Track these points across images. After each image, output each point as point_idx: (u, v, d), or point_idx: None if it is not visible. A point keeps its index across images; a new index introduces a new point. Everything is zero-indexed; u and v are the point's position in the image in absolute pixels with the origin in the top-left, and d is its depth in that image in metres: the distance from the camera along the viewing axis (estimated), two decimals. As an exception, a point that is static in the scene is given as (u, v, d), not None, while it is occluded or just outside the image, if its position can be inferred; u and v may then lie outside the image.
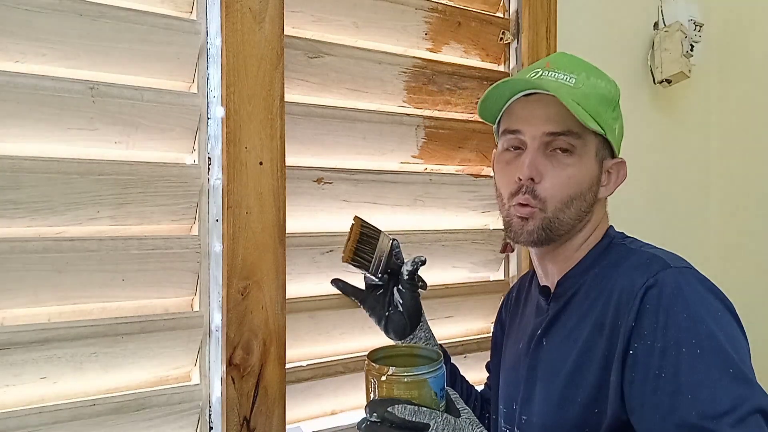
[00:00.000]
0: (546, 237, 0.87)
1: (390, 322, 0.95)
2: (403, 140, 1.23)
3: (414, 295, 0.95)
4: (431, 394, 0.73)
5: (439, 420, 0.72)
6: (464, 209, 1.33)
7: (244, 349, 1.00)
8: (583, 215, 0.88)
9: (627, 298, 0.80)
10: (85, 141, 0.93)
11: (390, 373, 0.73)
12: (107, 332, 0.92)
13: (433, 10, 1.26)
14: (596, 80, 0.89)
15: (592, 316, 0.84)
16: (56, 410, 0.87)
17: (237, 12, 0.99)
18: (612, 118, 0.89)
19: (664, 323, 0.76)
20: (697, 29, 1.68)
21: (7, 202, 0.85)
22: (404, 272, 0.94)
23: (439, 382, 0.74)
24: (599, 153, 0.88)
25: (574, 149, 0.86)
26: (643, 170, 1.66)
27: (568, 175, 0.86)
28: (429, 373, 0.73)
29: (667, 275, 0.79)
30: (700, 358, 0.73)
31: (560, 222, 0.87)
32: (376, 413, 0.72)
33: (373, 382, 0.74)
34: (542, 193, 0.86)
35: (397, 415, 0.70)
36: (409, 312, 0.95)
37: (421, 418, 0.71)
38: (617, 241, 0.91)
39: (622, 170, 0.92)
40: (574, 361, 0.84)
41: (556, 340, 0.89)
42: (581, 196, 0.87)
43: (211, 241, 1.00)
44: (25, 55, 0.89)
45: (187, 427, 0.98)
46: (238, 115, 0.99)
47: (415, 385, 0.72)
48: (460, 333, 1.33)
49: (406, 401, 0.72)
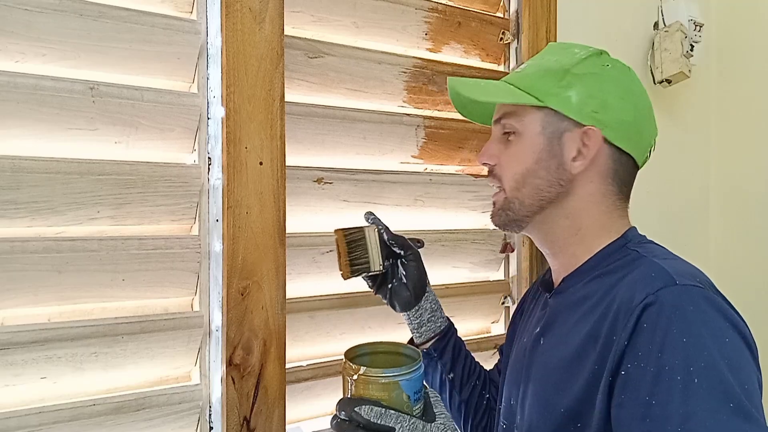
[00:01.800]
0: (508, 218, 0.89)
1: (394, 294, 0.97)
2: (403, 140, 1.23)
3: (416, 264, 0.97)
4: (403, 396, 0.72)
5: (405, 424, 0.70)
6: (464, 209, 1.33)
7: (244, 349, 1.00)
8: (545, 193, 0.86)
9: (624, 313, 0.75)
10: (85, 141, 0.93)
11: (361, 372, 0.72)
12: (107, 332, 0.92)
13: (433, 10, 1.26)
14: (549, 56, 0.90)
15: (588, 323, 0.80)
16: (56, 410, 0.87)
17: (237, 12, 0.99)
18: (560, 87, 0.85)
19: (659, 346, 0.70)
20: (697, 29, 1.68)
21: (7, 202, 0.85)
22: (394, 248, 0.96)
23: (414, 385, 0.73)
24: (547, 126, 0.86)
25: (515, 128, 0.88)
26: (643, 170, 1.66)
27: (511, 153, 0.89)
28: (401, 375, 0.72)
29: (670, 293, 0.73)
30: (695, 388, 0.67)
31: (519, 201, 0.88)
32: (344, 411, 0.71)
33: (348, 380, 0.73)
34: (498, 173, 0.91)
35: (363, 416, 0.70)
36: (414, 282, 0.96)
37: (386, 421, 0.70)
38: (632, 245, 0.86)
39: (593, 138, 0.84)
40: (563, 367, 0.81)
41: (552, 341, 0.86)
42: (531, 172, 0.87)
43: (211, 241, 1.00)
44: (25, 55, 0.88)
45: (187, 427, 0.98)
46: (238, 115, 0.99)
47: (386, 387, 0.71)
48: (460, 333, 1.32)
49: (374, 402, 0.71)
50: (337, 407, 0.73)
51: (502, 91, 0.89)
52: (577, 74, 0.86)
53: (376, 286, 1.00)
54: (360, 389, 0.72)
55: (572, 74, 0.86)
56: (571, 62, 0.87)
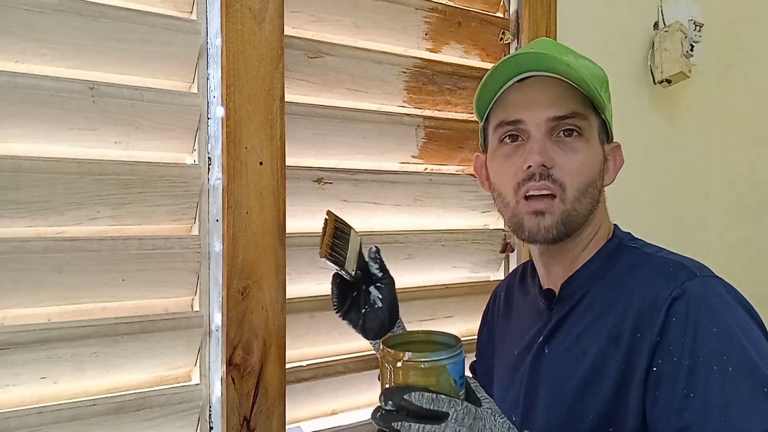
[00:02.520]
0: (564, 232, 0.81)
1: (368, 320, 0.89)
2: (403, 140, 1.23)
3: (392, 290, 0.90)
4: (450, 381, 0.67)
5: (459, 408, 0.65)
6: (464, 209, 1.33)
7: (245, 349, 1.00)
8: (596, 204, 0.83)
9: (650, 309, 0.74)
10: (85, 141, 0.93)
11: (406, 358, 0.67)
12: (107, 332, 0.91)
13: (433, 10, 1.26)
14: (584, 61, 0.84)
15: (606, 326, 0.79)
16: (56, 410, 0.87)
17: (237, 12, 0.99)
18: (606, 99, 0.84)
19: (692, 338, 0.70)
20: (697, 29, 1.68)
21: (7, 202, 0.85)
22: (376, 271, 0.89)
23: (459, 369, 0.68)
24: (600, 135, 0.84)
25: (582, 131, 0.80)
26: (643, 170, 1.66)
27: (581, 160, 0.80)
28: (448, 359, 0.67)
29: (695, 285, 0.73)
30: (731, 376, 0.68)
31: (578, 214, 0.81)
32: (391, 401, 0.65)
33: (389, 369, 0.68)
34: (561, 178, 0.79)
35: (414, 403, 0.64)
36: (390, 306, 0.89)
37: (439, 406, 0.64)
38: (627, 243, 0.86)
39: (619, 155, 0.86)
40: (584, 373, 0.79)
41: (561, 349, 0.84)
42: (594, 182, 0.81)
43: (211, 241, 1.00)
44: (25, 55, 0.88)
45: (187, 427, 0.98)
46: (238, 115, 0.99)
47: (433, 372, 0.67)
48: (460, 333, 1.33)
49: (423, 388, 0.65)
50: (382, 398, 0.67)
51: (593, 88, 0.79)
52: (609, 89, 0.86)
53: (344, 311, 0.89)
54: (405, 376, 0.67)
55: (608, 87, 0.86)
56: (605, 75, 0.86)
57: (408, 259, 1.23)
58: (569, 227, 0.81)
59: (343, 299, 0.88)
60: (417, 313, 1.22)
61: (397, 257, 1.20)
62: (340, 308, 0.88)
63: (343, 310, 0.89)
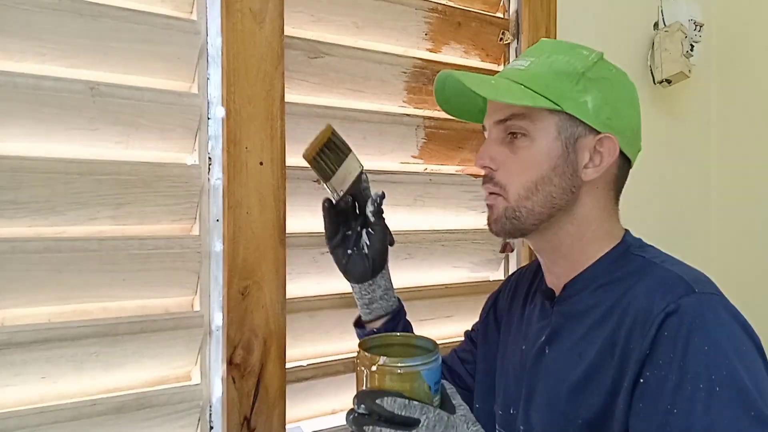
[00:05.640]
0: (513, 227, 0.83)
1: (351, 263, 0.91)
2: (403, 140, 1.23)
3: (382, 238, 0.91)
4: (424, 387, 0.68)
5: (431, 415, 0.66)
6: (464, 209, 1.33)
7: (245, 348, 1.00)
8: (557, 201, 0.82)
9: (643, 321, 0.73)
10: (85, 141, 0.93)
11: (381, 363, 0.67)
12: (108, 332, 0.92)
13: (433, 11, 1.26)
14: (557, 56, 0.84)
15: (603, 332, 0.78)
16: (57, 410, 0.87)
17: (237, 12, 0.99)
18: (576, 91, 0.81)
19: (681, 354, 0.69)
20: (697, 29, 1.68)
21: (7, 202, 0.85)
22: (369, 213, 0.90)
23: (434, 375, 0.69)
24: (563, 131, 0.81)
25: (527, 131, 0.82)
26: (643, 170, 1.66)
27: (522, 158, 0.82)
28: (423, 365, 0.68)
29: (691, 301, 0.72)
30: (717, 397, 0.66)
31: (528, 210, 0.82)
32: (364, 405, 0.66)
33: (364, 372, 0.69)
34: (502, 180, 0.83)
35: (386, 408, 0.65)
36: (375, 255, 0.90)
37: (411, 412, 0.66)
38: (635, 250, 0.84)
39: (610, 146, 0.82)
40: (579, 377, 0.79)
41: (560, 351, 0.84)
42: (545, 179, 0.81)
43: (212, 241, 1.00)
44: (25, 54, 0.89)
45: (188, 426, 0.98)
46: (239, 116, 0.99)
47: (408, 377, 0.67)
48: (460, 333, 1.33)
49: (396, 394, 0.66)
50: (355, 400, 0.68)
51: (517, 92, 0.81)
52: (591, 78, 0.83)
53: (333, 245, 0.92)
54: (380, 381, 0.67)
55: (587, 78, 0.83)
56: (584, 65, 0.83)
57: (408, 259, 1.23)
58: (517, 223, 0.83)
59: (334, 229, 0.91)
60: (417, 313, 1.22)
61: (397, 257, 1.20)
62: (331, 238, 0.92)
63: (332, 244, 0.92)
